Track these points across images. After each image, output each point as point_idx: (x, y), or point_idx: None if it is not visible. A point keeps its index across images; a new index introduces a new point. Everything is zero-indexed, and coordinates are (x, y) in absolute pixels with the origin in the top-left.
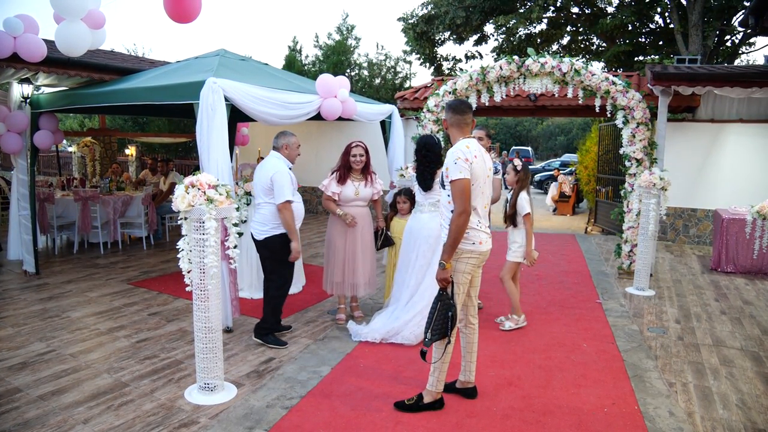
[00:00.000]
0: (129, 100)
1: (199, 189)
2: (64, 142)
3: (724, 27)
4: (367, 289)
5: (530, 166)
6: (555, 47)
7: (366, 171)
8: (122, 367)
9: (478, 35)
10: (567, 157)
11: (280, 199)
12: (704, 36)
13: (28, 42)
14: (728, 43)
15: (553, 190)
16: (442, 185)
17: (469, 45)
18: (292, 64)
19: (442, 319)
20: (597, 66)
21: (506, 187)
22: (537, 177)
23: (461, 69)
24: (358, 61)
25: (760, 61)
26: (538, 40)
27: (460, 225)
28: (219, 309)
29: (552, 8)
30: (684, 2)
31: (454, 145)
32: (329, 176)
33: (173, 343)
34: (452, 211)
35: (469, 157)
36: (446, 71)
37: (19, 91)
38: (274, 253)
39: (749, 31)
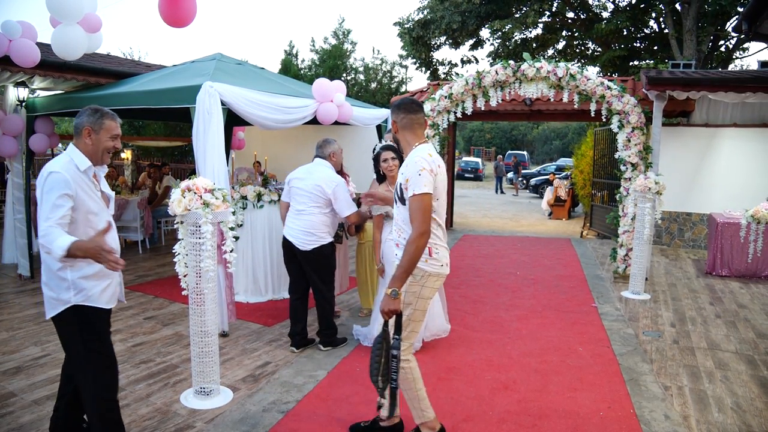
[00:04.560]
0: (125, 104)
1: (195, 193)
2: (60, 145)
3: (718, 32)
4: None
5: (525, 171)
6: (550, 52)
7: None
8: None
9: (474, 40)
10: (562, 161)
11: (347, 212)
12: (698, 41)
13: (22, 47)
14: (722, 48)
15: (548, 194)
16: (402, 200)
17: (464, 50)
18: (288, 68)
19: (387, 360)
20: (592, 71)
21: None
22: (533, 181)
23: (457, 73)
24: (354, 66)
25: (754, 66)
26: (534, 45)
27: (420, 247)
28: (215, 313)
29: (547, 13)
30: (678, 8)
31: (413, 151)
32: None
33: (169, 347)
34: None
35: (434, 167)
36: (442, 76)
37: (14, 94)
38: (323, 263)
39: (743, 36)
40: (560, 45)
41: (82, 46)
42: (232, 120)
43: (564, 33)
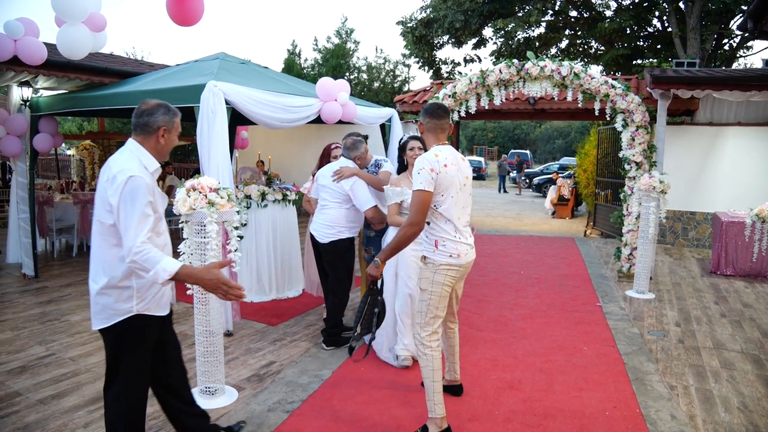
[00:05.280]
0: (129, 104)
1: (200, 192)
2: (63, 145)
3: (722, 31)
4: None
5: (529, 170)
6: (553, 51)
7: None
8: None
9: (477, 39)
10: (565, 160)
11: (366, 206)
12: (702, 40)
13: (28, 45)
14: (726, 47)
15: (552, 193)
16: None
17: (467, 48)
18: (291, 67)
19: (370, 314)
20: (595, 69)
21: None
22: (536, 180)
23: (460, 72)
24: (357, 65)
25: (758, 65)
26: (537, 44)
27: (408, 236)
28: (220, 313)
29: (550, 12)
30: (682, 6)
31: (427, 152)
32: (311, 179)
33: None
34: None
35: (436, 167)
36: (445, 75)
37: (18, 94)
38: (339, 257)
39: (747, 34)
40: (563, 44)
41: (88, 46)
42: (236, 119)
43: (567, 32)
